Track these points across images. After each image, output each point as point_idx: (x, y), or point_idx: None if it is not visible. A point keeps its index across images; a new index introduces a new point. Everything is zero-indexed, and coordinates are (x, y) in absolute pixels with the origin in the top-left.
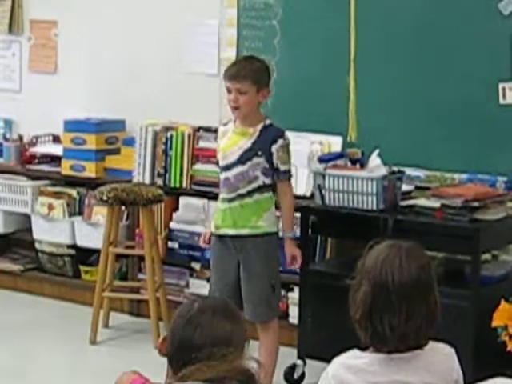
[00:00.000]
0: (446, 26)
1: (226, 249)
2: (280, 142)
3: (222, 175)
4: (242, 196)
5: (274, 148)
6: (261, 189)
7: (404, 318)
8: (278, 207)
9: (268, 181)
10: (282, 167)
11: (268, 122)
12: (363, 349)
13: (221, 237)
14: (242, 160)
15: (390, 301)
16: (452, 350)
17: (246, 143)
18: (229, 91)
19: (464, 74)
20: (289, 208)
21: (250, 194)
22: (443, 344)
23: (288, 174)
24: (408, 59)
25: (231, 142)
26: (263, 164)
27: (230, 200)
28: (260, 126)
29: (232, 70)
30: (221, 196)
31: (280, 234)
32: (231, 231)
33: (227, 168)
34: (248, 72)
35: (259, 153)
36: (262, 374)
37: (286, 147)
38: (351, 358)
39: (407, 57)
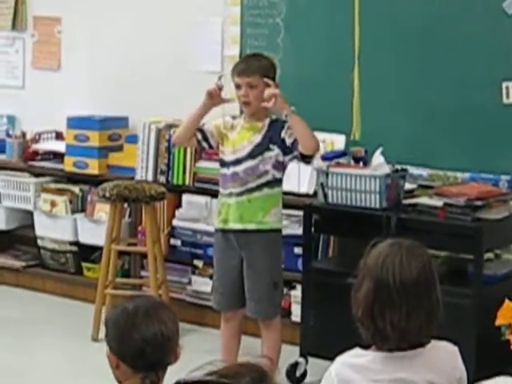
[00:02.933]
0: (450, 25)
1: (229, 245)
2: (287, 125)
3: (230, 170)
4: (250, 190)
5: (283, 133)
6: (271, 183)
7: (405, 315)
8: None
9: (278, 175)
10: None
11: (273, 116)
12: (365, 347)
13: (224, 232)
14: (252, 155)
15: (391, 298)
16: (455, 348)
17: (257, 138)
18: (238, 87)
19: (468, 72)
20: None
21: (259, 188)
22: (446, 342)
23: None
24: (412, 58)
25: (240, 136)
26: (275, 157)
27: (238, 194)
28: (267, 121)
29: (241, 65)
30: (227, 191)
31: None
32: (237, 226)
33: (237, 162)
34: (257, 67)
35: (270, 146)
36: (275, 371)
37: None
38: (354, 357)
39: (411, 55)
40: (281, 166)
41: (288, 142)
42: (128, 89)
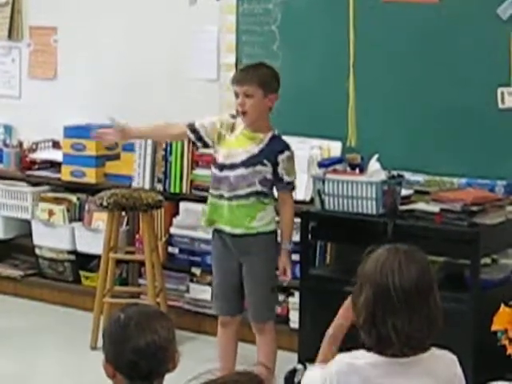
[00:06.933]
0: (445, 31)
1: (226, 250)
2: (287, 153)
3: (223, 173)
4: (239, 197)
5: (280, 158)
6: (258, 194)
7: (407, 320)
8: (278, 214)
9: (264, 190)
10: (287, 178)
11: (276, 132)
12: (369, 349)
13: (219, 232)
14: (246, 164)
15: (391, 303)
16: (454, 357)
17: (254, 149)
18: (236, 96)
19: (463, 78)
20: (289, 219)
21: (247, 196)
22: (445, 350)
23: (291, 186)
24: (407, 64)
25: (238, 142)
26: (264, 173)
27: (228, 199)
28: (270, 135)
29: (239, 74)
30: (217, 192)
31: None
32: (227, 228)
33: (230, 167)
34: (254, 75)
35: (265, 161)
36: (272, 378)
37: (291, 159)
38: (356, 358)
39: (406, 62)
40: (267, 183)
41: (285, 178)
42: (124, 97)
